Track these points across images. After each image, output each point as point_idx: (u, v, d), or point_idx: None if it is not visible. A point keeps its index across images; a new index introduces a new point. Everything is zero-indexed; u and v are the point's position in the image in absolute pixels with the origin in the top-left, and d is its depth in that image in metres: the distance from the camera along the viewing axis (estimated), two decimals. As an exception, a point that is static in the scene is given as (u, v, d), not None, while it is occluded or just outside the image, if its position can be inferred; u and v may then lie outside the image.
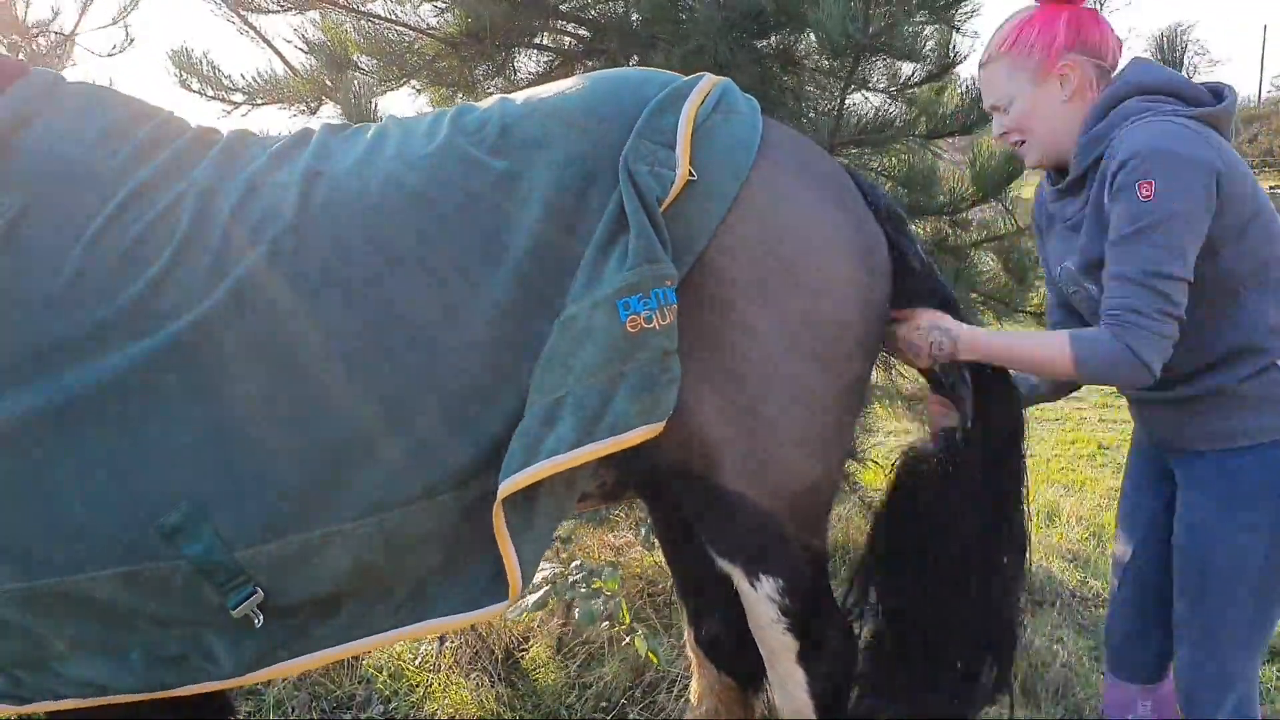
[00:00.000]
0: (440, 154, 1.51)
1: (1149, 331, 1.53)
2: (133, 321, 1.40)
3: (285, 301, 1.41)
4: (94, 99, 1.57)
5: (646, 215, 1.43)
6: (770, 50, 2.90)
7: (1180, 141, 1.54)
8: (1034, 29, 1.68)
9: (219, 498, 1.41)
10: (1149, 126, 1.58)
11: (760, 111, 1.60)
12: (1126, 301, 1.54)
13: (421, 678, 2.82)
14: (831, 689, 1.72)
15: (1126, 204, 1.54)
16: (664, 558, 2.07)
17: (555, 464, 1.39)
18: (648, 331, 1.41)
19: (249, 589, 1.44)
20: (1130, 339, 1.54)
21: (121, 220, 1.44)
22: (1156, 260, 1.52)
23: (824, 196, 1.59)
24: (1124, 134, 1.59)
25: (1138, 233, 1.53)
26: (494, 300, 1.43)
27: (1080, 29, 1.68)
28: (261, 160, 1.55)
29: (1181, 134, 1.56)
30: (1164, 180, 1.51)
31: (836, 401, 1.60)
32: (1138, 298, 1.53)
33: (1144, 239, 1.53)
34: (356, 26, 2.97)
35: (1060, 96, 1.70)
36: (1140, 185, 1.52)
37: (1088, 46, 1.68)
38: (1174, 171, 1.52)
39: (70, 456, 1.39)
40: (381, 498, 1.44)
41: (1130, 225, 1.54)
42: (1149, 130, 1.57)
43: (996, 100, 1.76)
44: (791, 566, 1.62)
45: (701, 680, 2.09)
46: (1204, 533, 1.71)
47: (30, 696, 1.49)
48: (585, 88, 1.58)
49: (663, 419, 1.44)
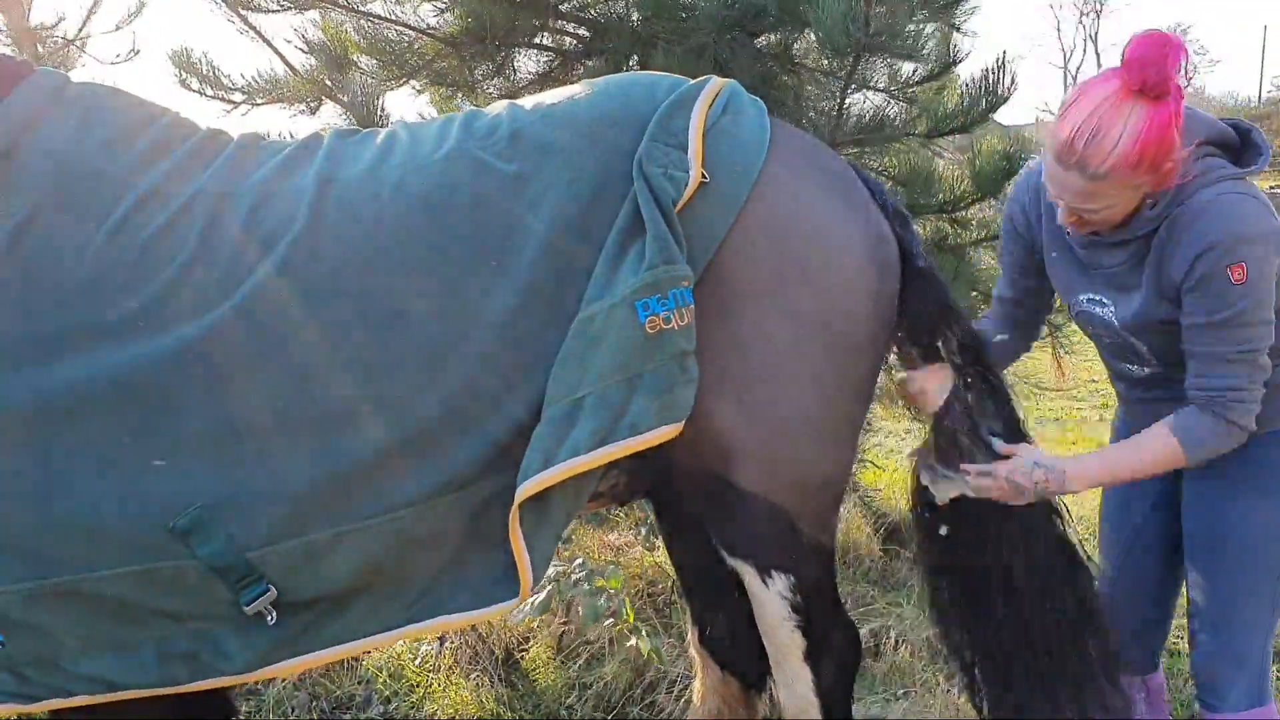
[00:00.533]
0: (451, 159, 1.52)
1: (1250, 402, 1.59)
2: (146, 322, 1.40)
3: (297, 309, 1.42)
4: (101, 100, 1.57)
5: (662, 217, 1.44)
6: (770, 50, 2.90)
7: (1255, 221, 1.54)
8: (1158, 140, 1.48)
9: (232, 499, 1.41)
10: (1225, 206, 1.54)
11: (768, 112, 1.61)
12: (1228, 381, 1.58)
13: (421, 678, 2.82)
14: (837, 687, 1.73)
15: (1220, 290, 1.54)
16: (669, 557, 2.08)
17: (576, 464, 1.40)
18: (666, 332, 1.42)
19: (262, 586, 1.45)
20: (1235, 416, 1.59)
21: (133, 223, 1.45)
22: (1256, 339, 1.56)
23: (833, 194, 1.60)
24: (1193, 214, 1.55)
25: (1235, 316, 1.55)
26: (504, 305, 1.44)
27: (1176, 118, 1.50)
28: (272, 166, 1.55)
29: (1252, 210, 1.55)
30: (1253, 262, 1.52)
31: (848, 398, 1.61)
32: (1238, 377, 1.58)
33: (1239, 321, 1.55)
34: (356, 26, 2.97)
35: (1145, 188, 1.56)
36: (1231, 270, 1.52)
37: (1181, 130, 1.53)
38: (1261, 251, 1.53)
39: (82, 455, 1.39)
40: (391, 499, 1.45)
41: (1227, 310, 1.55)
42: (1227, 211, 1.54)
43: (1075, 202, 1.58)
44: (802, 564, 1.63)
45: (704, 680, 2.09)
46: (1217, 519, 1.74)
47: (38, 694, 1.49)
48: (595, 92, 1.60)
49: (681, 419, 1.46)
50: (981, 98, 2.73)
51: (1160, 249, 1.61)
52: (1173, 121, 1.48)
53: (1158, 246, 1.61)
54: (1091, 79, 1.56)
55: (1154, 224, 1.61)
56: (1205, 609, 1.79)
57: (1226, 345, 1.57)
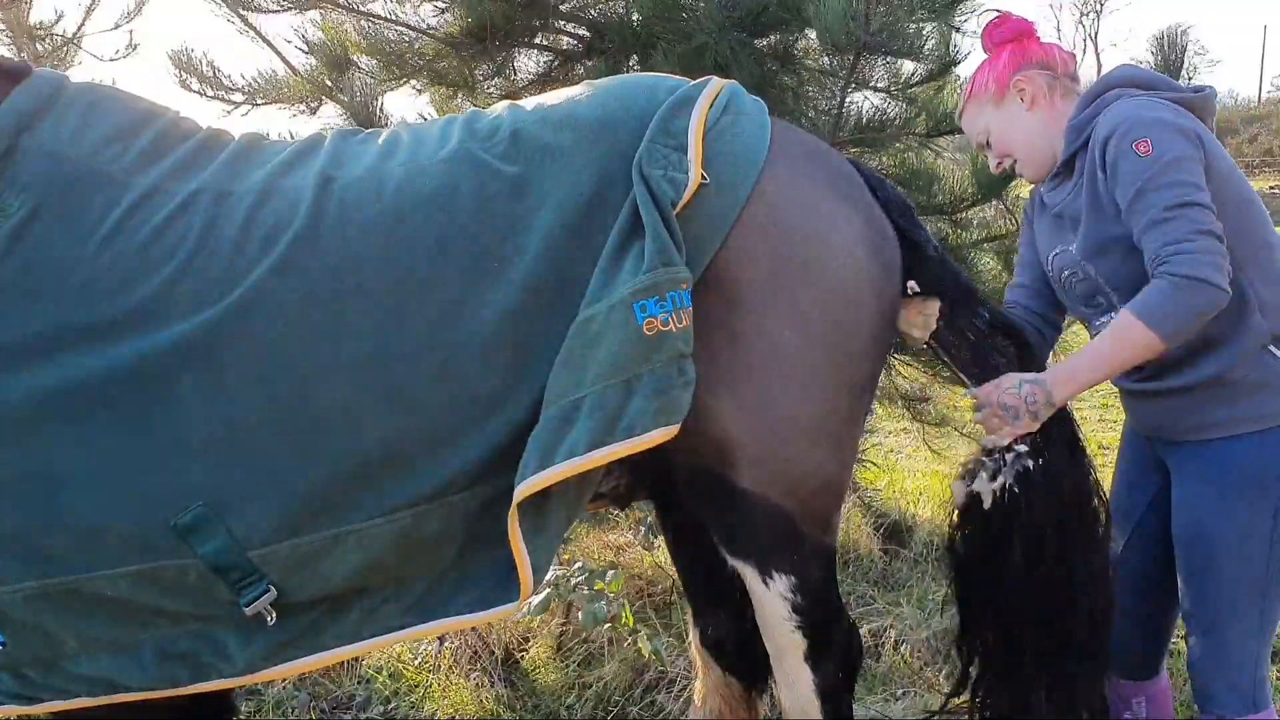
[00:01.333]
0: (452, 160, 1.52)
1: (1193, 253, 1.52)
2: (145, 320, 1.40)
3: (297, 308, 1.42)
4: (100, 99, 1.57)
5: (661, 219, 1.44)
6: (770, 50, 2.90)
7: (1160, 109, 1.66)
8: (984, 70, 1.91)
9: (232, 498, 1.41)
10: (1127, 103, 1.70)
11: (768, 112, 1.61)
12: (1162, 240, 1.55)
13: (421, 678, 2.82)
14: (838, 687, 1.73)
15: (1128, 167, 1.61)
16: (670, 558, 2.08)
17: (573, 466, 1.40)
18: (664, 334, 1.42)
19: (262, 586, 1.45)
20: (1180, 268, 1.52)
21: (133, 221, 1.45)
22: (1174, 197, 1.56)
23: (835, 194, 1.60)
24: (1104, 115, 1.71)
25: (1148, 183, 1.58)
26: (504, 305, 1.44)
27: (1022, 53, 1.88)
28: (273, 165, 1.55)
29: (1160, 105, 1.68)
30: (1156, 135, 1.60)
31: (850, 399, 1.61)
32: (1170, 231, 1.54)
33: (1155, 186, 1.57)
34: (356, 26, 2.97)
35: (1022, 109, 1.86)
36: (1136, 145, 1.61)
37: (1032, 62, 1.86)
38: (1162, 128, 1.61)
39: (82, 453, 1.39)
40: (392, 500, 1.45)
41: (1138, 181, 1.59)
42: (1128, 104, 1.69)
43: (978, 138, 1.95)
44: (803, 565, 1.63)
45: (705, 680, 2.09)
46: (1207, 522, 1.73)
47: (39, 695, 1.49)
48: (596, 94, 1.59)
49: (679, 421, 1.45)
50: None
51: (1088, 164, 1.73)
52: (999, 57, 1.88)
53: (1085, 161, 1.74)
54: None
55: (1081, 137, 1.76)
56: (1195, 614, 1.78)
57: (1154, 210, 1.56)
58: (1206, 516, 1.73)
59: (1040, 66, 1.87)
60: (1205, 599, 1.75)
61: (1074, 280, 1.81)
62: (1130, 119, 1.64)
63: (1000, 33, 1.91)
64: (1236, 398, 1.68)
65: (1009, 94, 1.87)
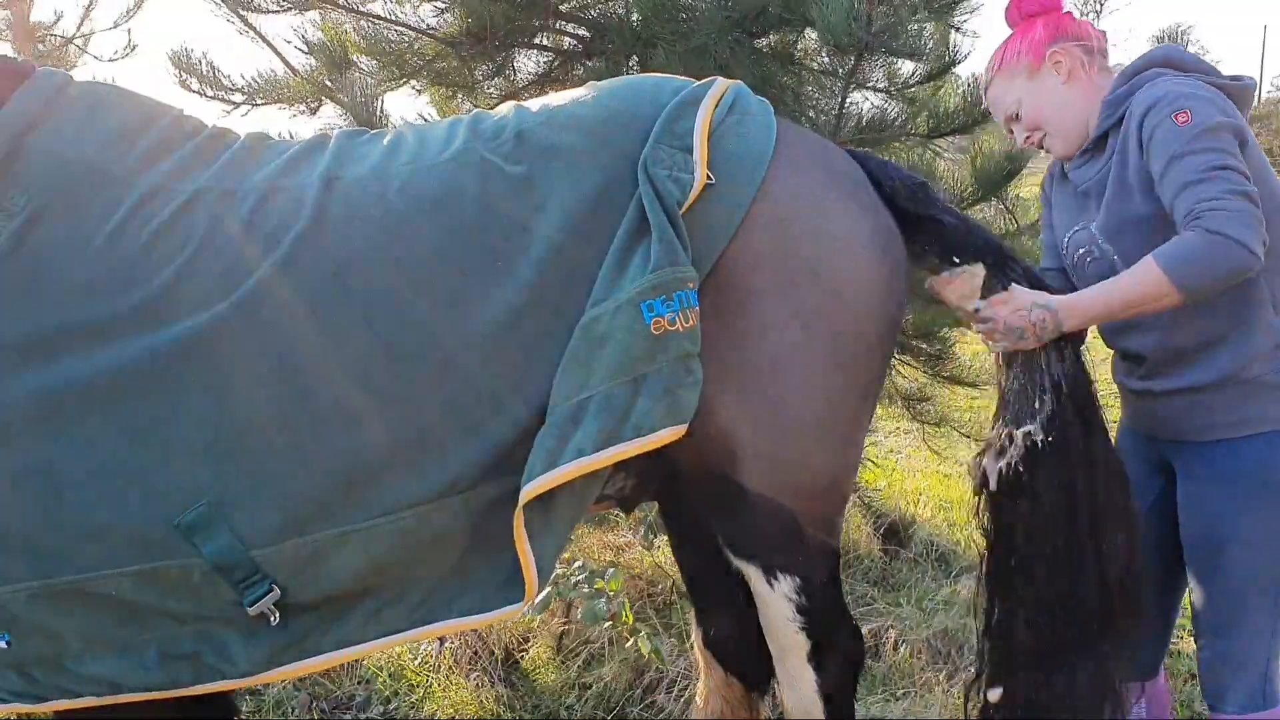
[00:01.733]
0: (457, 160, 1.52)
1: (1229, 210, 1.47)
2: (148, 320, 1.40)
3: (300, 308, 1.42)
4: (103, 99, 1.57)
5: (667, 219, 1.44)
6: (770, 50, 2.90)
7: (1201, 89, 1.63)
8: (1016, 41, 1.85)
9: (236, 498, 1.41)
10: (1167, 81, 1.67)
11: (774, 112, 1.61)
12: (1196, 197, 1.50)
13: (421, 678, 2.82)
14: (841, 688, 1.73)
15: (1164, 135, 1.58)
16: (674, 558, 2.07)
17: (581, 465, 1.40)
18: (671, 333, 1.42)
19: (265, 586, 1.45)
20: (1214, 224, 1.46)
21: (137, 220, 1.45)
22: (1211, 161, 1.52)
23: (841, 194, 1.60)
24: (1142, 92, 1.68)
25: (1184, 147, 1.54)
26: (509, 306, 1.44)
27: (1057, 25, 1.83)
28: (277, 165, 1.55)
29: (1200, 86, 1.64)
30: (1197, 106, 1.58)
31: (855, 399, 1.61)
32: (1206, 190, 1.50)
33: (1191, 151, 1.54)
34: (356, 26, 2.96)
35: (1058, 82, 1.81)
36: (1175, 115, 1.57)
37: (1068, 35, 1.82)
38: (1202, 102, 1.58)
39: (86, 452, 1.39)
40: (395, 500, 1.45)
41: (1174, 147, 1.55)
42: (1168, 83, 1.66)
43: (1007, 110, 1.88)
44: (808, 565, 1.63)
45: (707, 681, 2.09)
46: (1218, 523, 1.72)
47: (44, 695, 1.49)
48: (601, 94, 1.60)
49: (686, 421, 1.46)
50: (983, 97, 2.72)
51: (1121, 140, 1.71)
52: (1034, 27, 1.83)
53: (1118, 140, 1.72)
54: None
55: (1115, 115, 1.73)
56: (1206, 614, 1.77)
57: (1189, 173, 1.53)
58: (1217, 517, 1.72)
59: (1076, 39, 1.82)
60: (1217, 600, 1.75)
61: (1088, 260, 1.78)
62: (1172, 93, 1.62)
63: (1029, 4, 1.86)
64: (1248, 397, 1.67)
65: (1044, 66, 1.82)
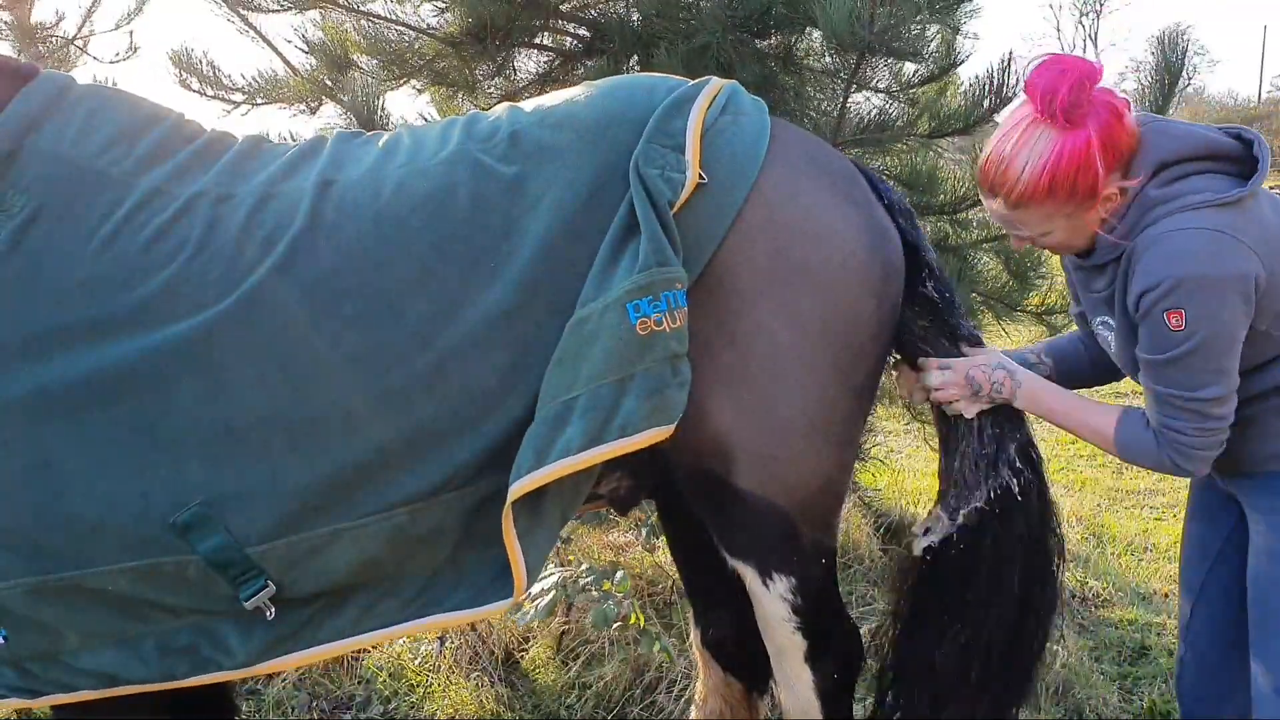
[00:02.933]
0: (451, 161, 1.52)
1: (1190, 448, 1.53)
2: (145, 320, 1.42)
3: (295, 309, 1.43)
4: (105, 102, 1.58)
5: (657, 218, 1.44)
6: (771, 50, 2.90)
7: (1207, 261, 1.42)
8: (1071, 169, 1.45)
9: (231, 496, 1.43)
10: (1172, 243, 1.44)
11: (768, 112, 1.61)
12: (1170, 422, 1.53)
13: (421, 678, 2.82)
14: (838, 688, 1.73)
15: (1155, 333, 1.48)
16: (672, 559, 2.08)
17: (566, 465, 1.41)
18: (658, 334, 1.42)
19: (260, 582, 1.47)
20: (1173, 454, 1.54)
21: (135, 222, 1.46)
22: (1193, 386, 1.48)
23: (835, 194, 1.59)
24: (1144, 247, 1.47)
25: (1170, 361, 1.48)
26: (501, 305, 1.45)
27: (1111, 143, 1.46)
28: (274, 168, 1.56)
29: (1207, 248, 1.42)
30: (1193, 308, 1.42)
31: (849, 398, 1.61)
32: (1179, 420, 1.52)
33: (1177, 367, 1.48)
34: (356, 26, 2.97)
35: (1099, 216, 1.52)
36: (1168, 316, 1.43)
37: (1122, 158, 1.49)
38: (1203, 298, 1.42)
39: (83, 451, 1.40)
40: (388, 498, 1.46)
41: (1162, 354, 1.49)
42: (1172, 248, 1.44)
43: (1028, 234, 1.58)
44: (804, 566, 1.63)
45: (706, 681, 2.10)
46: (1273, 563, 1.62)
47: (42, 689, 1.51)
48: (595, 94, 1.60)
49: (673, 421, 1.46)
50: (985, 98, 2.72)
51: (1122, 279, 1.53)
52: (1090, 146, 1.43)
53: (1120, 276, 1.54)
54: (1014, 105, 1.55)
55: (1117, 250, 1.54)
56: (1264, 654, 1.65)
57: (1168, 387, 1.51)
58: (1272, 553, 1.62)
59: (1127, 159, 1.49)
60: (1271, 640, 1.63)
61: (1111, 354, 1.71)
62: (1168, 281, 1.42)
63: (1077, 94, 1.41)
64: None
65: (1096, 207, 1.49)
